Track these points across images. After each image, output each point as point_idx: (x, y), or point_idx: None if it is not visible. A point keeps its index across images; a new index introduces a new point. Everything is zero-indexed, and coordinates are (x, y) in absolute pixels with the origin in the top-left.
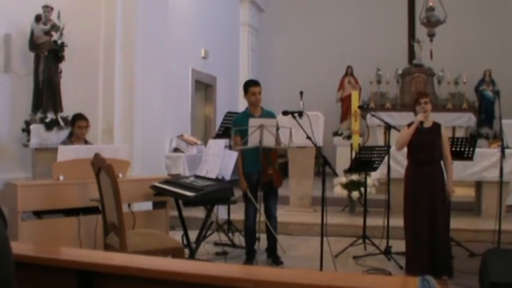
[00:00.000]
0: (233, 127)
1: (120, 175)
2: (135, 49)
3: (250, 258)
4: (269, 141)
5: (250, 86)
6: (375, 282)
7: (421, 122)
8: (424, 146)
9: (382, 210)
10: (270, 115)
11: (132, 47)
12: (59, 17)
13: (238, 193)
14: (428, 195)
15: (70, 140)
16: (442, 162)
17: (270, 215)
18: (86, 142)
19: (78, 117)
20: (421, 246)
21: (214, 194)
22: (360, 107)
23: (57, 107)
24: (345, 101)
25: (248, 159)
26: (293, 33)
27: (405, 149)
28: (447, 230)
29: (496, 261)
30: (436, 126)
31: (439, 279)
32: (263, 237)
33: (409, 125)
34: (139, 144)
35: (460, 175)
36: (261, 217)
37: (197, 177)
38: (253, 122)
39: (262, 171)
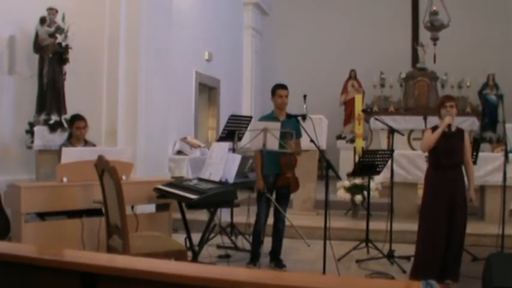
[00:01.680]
0: None
1: (124, 177)
2: (139, 52)
3: (254, 260)
4: (273, 145)
5: (278, 88)
6: (378, 286)
7: (449, 125)
8: (448, 150)
9: (385, 214)
10: (292, 122)
11: (136, 49)
12: (63, 19)
13: (241, 196)
14: (449, 200)
15: (70, 141)
16: (463, 168)
17: (279, 218)
18: (86, 142)
19: (76, 118)
20: (435, 250)
21: (218, 196)
22: (363, 110)
23: (61, 109)
24: (349, 105)
25: (267, 161)
26: (297, 37)
27: (410, 153)
28: (463, 236)
29: (499, 266)
30: (460, 131)
31: (442, 283)
32: (267, 240)
33: (432, 128)
34: (143, 146)
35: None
36: (272, 218)
37: (200, 180)
38: (257, 125)
39: (282, 174)
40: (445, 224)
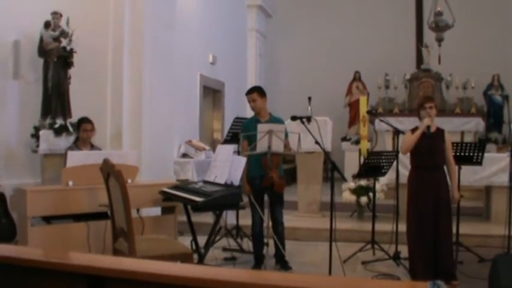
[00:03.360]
0: (241, 132)
1: (129, 181)
2: (143, 55)
3: (258, 263)
4: (278, 147)
5: (246, 95)
6: (384, 287)
7: (428, 127)
8: (429, 151)
9: (391, 216)
10: (278, 121)
11: (140, 52)
12: (67, 23)
13: (246, 198)
14: (433, 201)
15: (76, 144)
16: (445, 168)
17: (276, 221)
18: (92, 146)
19: (83, 121)
20: (425, 252)
21: (223, 199)
22: (368, 112)
23: (66, 112)
24: (353, 106)
25: (252, 163)
26: (301, 39)
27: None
28: (451, 235)
29: (506, 267)
30: (440, 132)
31: (448, 284)
32: (272, 242)
33: (412, 130)
34: (148, 149)
35: (469, 180)
36: (268, 222)
37: (206, 182)
38: (262, 128)
39: (264, 175)
40: (432, 223)
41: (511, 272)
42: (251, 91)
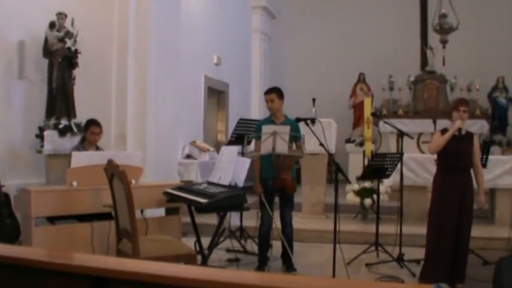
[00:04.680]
0: (254, 133)
1: (133, 181)
2: (148, 56)
3: (262, 264)
4: (282, 148)
5: (264, 94)
6: None
7: (459, 129)
8: (458, 153)
9: (395, 218)
10: (293, 124)
11: (145, 53)
12: (72, 24)
13: (251, 200)
14: (458, 203)
15: (82, 145)
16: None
17: (285, 222)
18: (97, 148)
19: (92, 123)
20: (443, 254)
21: (227, 200)
22: (372, 114)
23: (70, 113)
24: (357, 108)
25: (265, 165)
26: (305, 40)
27: (419, 157)
28: (469, 238)
29: (510, 269)
30: (469, 135)
31: (453, 287)
32: (277, 244)
33: (442, 131)
34: (152, 150)
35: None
36: (276, 224)
37: (210, 183)
38: (266, 129)
39: (276, 177)
40: (454, 226)
41: None
42: (270, 91)
